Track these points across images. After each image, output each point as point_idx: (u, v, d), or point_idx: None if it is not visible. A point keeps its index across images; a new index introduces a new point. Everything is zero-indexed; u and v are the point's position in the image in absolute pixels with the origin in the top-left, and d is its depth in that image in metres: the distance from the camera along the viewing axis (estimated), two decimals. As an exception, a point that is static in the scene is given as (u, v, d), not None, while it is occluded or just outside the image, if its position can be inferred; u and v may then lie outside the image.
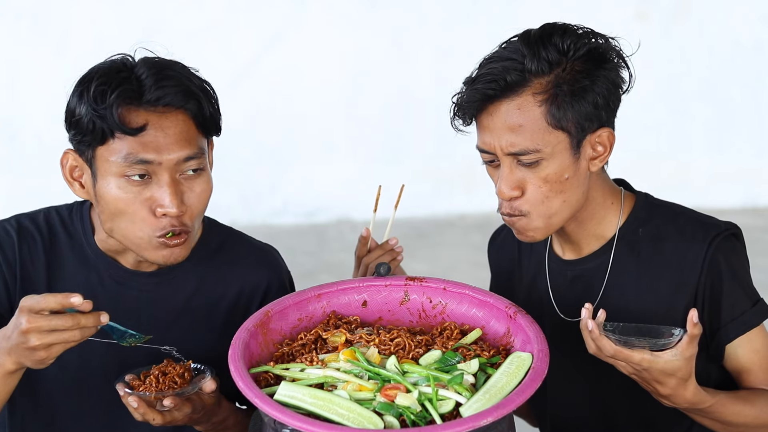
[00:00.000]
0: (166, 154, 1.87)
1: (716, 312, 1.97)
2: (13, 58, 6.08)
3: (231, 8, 6.23)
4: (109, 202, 1.90)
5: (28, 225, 2.04)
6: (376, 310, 2.02)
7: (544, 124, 1.90)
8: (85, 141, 1.89)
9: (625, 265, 2.03)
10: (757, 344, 1.98)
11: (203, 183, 1.93)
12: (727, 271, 1.96)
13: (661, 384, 1.84)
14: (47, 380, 2.02)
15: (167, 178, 1.88)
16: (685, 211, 2.05)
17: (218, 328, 2.06)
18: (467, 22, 6.36)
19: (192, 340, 2.02)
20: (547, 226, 1.97)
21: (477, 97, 1.92)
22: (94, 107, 1.85)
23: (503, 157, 1.93)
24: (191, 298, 2.06)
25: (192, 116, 1.91)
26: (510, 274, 2.23)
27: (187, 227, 1.92)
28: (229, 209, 5.98)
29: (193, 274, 2.06)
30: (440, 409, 1.70)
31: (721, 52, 6.56)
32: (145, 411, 1.82)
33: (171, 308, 2.04)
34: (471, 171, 6.56)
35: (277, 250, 2.17)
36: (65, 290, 1.96)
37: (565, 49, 1.90)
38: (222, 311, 2.07)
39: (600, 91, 1.91)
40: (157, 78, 1.88)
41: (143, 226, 1.90)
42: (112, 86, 1.86)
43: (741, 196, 6.70)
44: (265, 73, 6.28)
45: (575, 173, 1.94)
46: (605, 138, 1.95)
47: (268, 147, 6.36)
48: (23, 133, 6.14)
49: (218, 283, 2.08)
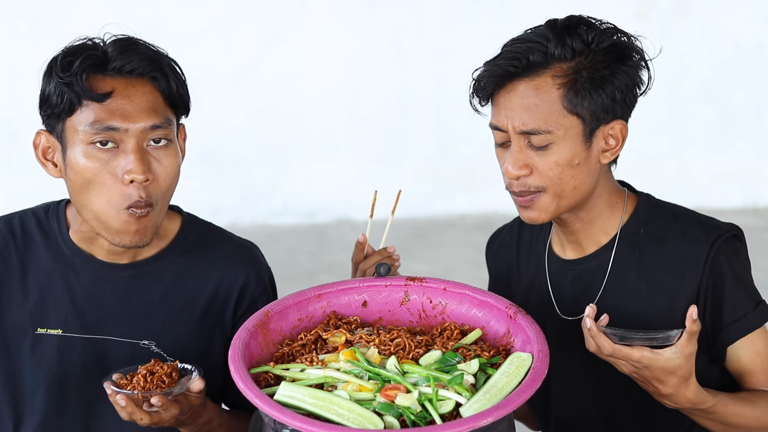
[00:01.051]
0: (132, 121, 1.90)
1: (718, 314, 1.97)
2: (13, 58, 6.09)
3: (231, 8, 6.23)
4: (78, 172, 1.92)
5: (1, 228, 2.07)
6: (376, 311, 2.02)
7: (560, 107, 1.91)
8: (55, 114, 1.92)
9: (626, 265, 2.03)
10: (759, 346, 1.98)
11: (171, 156, 1.95)
12: (728, 273, 1.96)
13: (662, 383, 1.84)
14: (26, 376, 2.03)
15: (134, 145, 1.91)
16: (687, 212, 2.05)
17: (196, 322, 2.06)
18: (467, 22, 6.36)
19: (170, 334, 2.02)
20: (556, 208, 1.97)
21: (498, 73, 1.94)
22: (61, 76, 1.90)
23: (514, 136, 1.94)
24: (168, 292, 2.06)
25: (159, 89, 1.95)
26: (508, 278, 2.23)
27: (152, 199, 1.93)
28: (230, 209, 5.98)
29: (170, 268, 2.07)
30: (440, 409, 1.70)
31: (721, 52, 6.56)
32: (132, 410, 1.82)
33: (148, 302, 2.05)
34: (471, 171, 6.59)
35: (258, 247, 2.17)
36: (42, 289, 2.01)
37: (589, 40, 1.92)
38: (200, 305, 2.07)
39: (619, 85, 1.93)
40: (123, 49, 1.93)
41: (111, 196, 1.91)
42: (78, 56, 1.91)
43: (741, 196, 6.70)
44: (266, 73, 6.28)
45: (586, 161, 1.95)
46: (618, 131, 1.96)
47: (268, 147, 6.35)
48: (23, 133, 6.11)
49: (196, 277, 2.08)
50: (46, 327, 2.02)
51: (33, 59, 6.84)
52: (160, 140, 1.94)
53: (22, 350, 2.02)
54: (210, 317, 2.07)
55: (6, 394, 2.04)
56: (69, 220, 2.06)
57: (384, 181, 2.33)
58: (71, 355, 2.03)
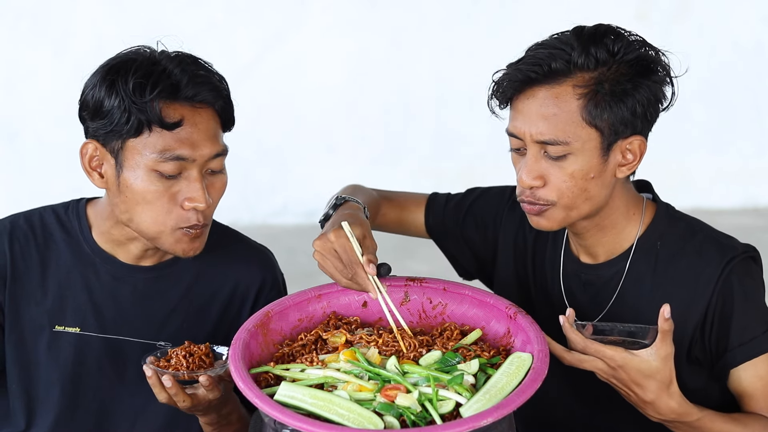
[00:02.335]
0: (199, 150, 1.91)
1: (725, 335, 1.95)
2: (13, 58, 6.08)
3: (231, 8, 6.22)
4: (136, 192, 1.92)
5: (21, 224, 2.06)
6: (376, 311, 2.02)
7: (579, 118, 1.88)
8: (116, 132, 1.90)
9: (640, 277, 2.01)
10: (762, 370, 1.95)
11: (222, 179, 1.98)
12: (739, 294, 1.94)
13: (642, 387, 1.81)
14: (42, 373, 2.03)
15: (196, 174, 1.92)
16: (705, 228, 2.02)
17: (212, 324, 2.08)
18: (467, 22, 6.35)
19: (186, 335, 2.02)
20: (565, 219, 1.95)
21: (518, 77, 1.91)
22: (134, 100, 1.87)
23: (531, 145, 1.92)
24: (186, 294, 2.07)
25: (219, 113, 1.96)
26: (522, 248, 2.19)
27: (207, 221, 1.96)
28: (230, 209, 5.96)
29: (189, 270, 2.07)
30: (440, 409, 1.70)
31: (721, 52, 6.55)
32: (177, 391, 1.82)
33: (166, 303, 2.05)
34: (471, 171, 6.58)
35: (272, 253, 2.18)
36: (61, 286, 1.99)
37: (614, 51, 1.89)
38: (216, 308, 2.09)
39: (640, 99, 1.89)
40: (191, 75, 1.91)
41: (169, 218, 1.92)
42: (152, 80, 1.88)
43: (741, 196, 6.70)
44: (266, 73, 6.27)
45: (601, 174, 1.92)
46: (636, 146, 1.93)
47: (268, 147, 6.35)
48: (23, 133, 6.13)
49: (214, 279, 2.09)
50: (64, 325, 2.03)
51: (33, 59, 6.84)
52: (218, 167, 1.96)
53: (39, 347, 2.03)
54: (226, 319, 2.08)
55: (20, 390, 2.05)
56: (90, 219, 2.06)
57: (384, 181, 2.33)
58: (88, 354, 2.03)
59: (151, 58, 1.92)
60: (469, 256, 2.28)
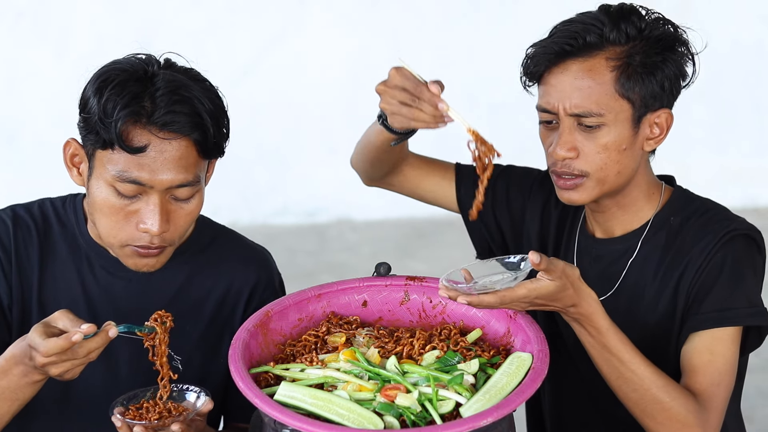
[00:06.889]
0: (159, 176, 1.87)
1: (702, 297, 1.94)
2: (13, 58, 6.08)
3: (231, 8, 6.22)
4: (96, 201, 1.92)
5: (23, 214, 2.06)
6: (376, 310, 2.02)
7: (612, 90, 1.94)
8: (89, 138, 1.91)
9: (651, 251, 2.04)
10: (717, 347, 1.91)
11: (193, 204, 1.94)
12: (729, 267, 1.95)
13: (560, 301, 1.79)
14: None
15: (156, 199, 1.89)
16: (717, 207, 2.07)
17: (205, 321, 2.07)
18: (467, 22, 6.35)
19: (179, 333, 2.02)
20: (599, 192, 1.99)
21: (553, 50, 1.95)
22: (101, 117, 1.85)
23: (564, 118, 1.96)
24: (180, 291, 2.07)
25: (195, 143, 1.90)
26: (546, 225, 2.19)
27: (165, 243, 1.94)
28: (230, 209, 5.97)
29: (183, 267, 2.07)
30: (440, 409, 1.71)
31: (720, 51, 6.56)
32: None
33: (160, 299, 2.05)
34: (471, 171, 6.58)
35: (270, 253, 2.18)
36: (56, 278, 1.99)
37: (642, 28, 1.96)
38: (210, 305, 2.08)
39: (668, 73, 1.97)
40: (170, 100, 1.86)
41: (120, 233, 1.92)
42: (124, 101, 1.84)
43: (741, 196, 6.69)
44: (265, 73, 6.27)
45: (631, 146, 1.98)
46: (664, 120, 2.00)
47: (268, 147, 6.35)
48: (23, 133, 6.13)
49: (208, 277, 2.09)
50: None
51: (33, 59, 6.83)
52: (185, 196, 1.92)
53: None
54: (220, 317, 2.08)
55: None
56: (86, 213, 2.06)
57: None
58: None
59: (140, 73, 1.88)
60: (494, 230, 2.26)
